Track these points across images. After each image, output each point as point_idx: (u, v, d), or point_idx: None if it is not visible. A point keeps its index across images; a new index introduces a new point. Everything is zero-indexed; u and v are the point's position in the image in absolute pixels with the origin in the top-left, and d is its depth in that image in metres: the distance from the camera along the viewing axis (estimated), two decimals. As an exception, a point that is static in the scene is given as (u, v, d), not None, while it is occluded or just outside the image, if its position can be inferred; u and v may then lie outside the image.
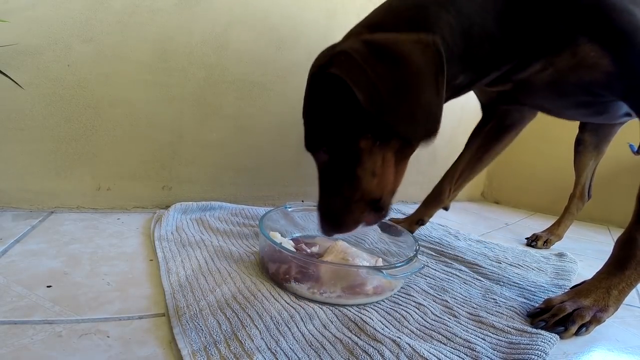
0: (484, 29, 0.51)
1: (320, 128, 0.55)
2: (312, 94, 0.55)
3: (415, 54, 0.44)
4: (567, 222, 1.07)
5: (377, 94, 0.44)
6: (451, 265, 0.74)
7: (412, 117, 0.44)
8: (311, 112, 0.56)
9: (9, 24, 0.69)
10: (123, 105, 0.84)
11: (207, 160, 0.96)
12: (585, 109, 0.67)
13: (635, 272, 0.54)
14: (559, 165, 1.43)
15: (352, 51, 0.46)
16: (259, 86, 0.99)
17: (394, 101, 0.44)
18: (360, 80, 0.44)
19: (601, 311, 0.54)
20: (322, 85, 0.52)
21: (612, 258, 0.57)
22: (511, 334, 0.50)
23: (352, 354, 0.42)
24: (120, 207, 0.87)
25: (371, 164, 0.53)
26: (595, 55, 0.52)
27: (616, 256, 0.57)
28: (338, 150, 0.54)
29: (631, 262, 0.54)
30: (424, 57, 0.44)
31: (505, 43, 0.53)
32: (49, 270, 0.55)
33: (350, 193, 0.54)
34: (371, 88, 0.44)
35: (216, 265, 0.60)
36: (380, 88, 0.44)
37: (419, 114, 0.44)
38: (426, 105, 0.44)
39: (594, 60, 0.53)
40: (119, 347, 0.40)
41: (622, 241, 0.56)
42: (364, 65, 0.44)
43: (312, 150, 0.57)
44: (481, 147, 0.87)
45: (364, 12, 0.60)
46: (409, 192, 1.40)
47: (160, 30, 0.84)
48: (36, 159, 0.78)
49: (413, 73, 0.44)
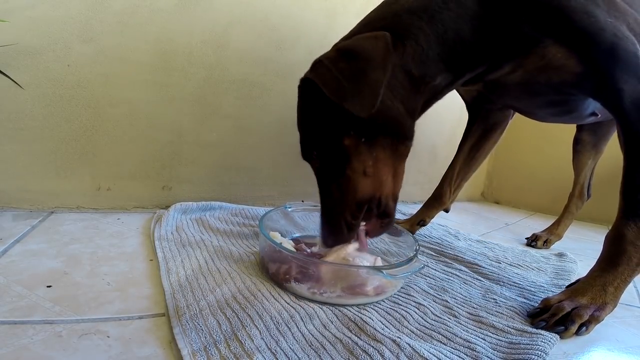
0: (458, 33, 0.55)
1: (310, 135, 0.58)
2: (300, 104, 0.58)
3: (367, 45, 0.51)
4: (567, 221, 1.07)
5: (340, 84, 0.49)
6: (451, 265, 0.74)
7: (360, 93, 0.49)
8: (301, 121, 0.59)
9: (9, 24, 0.69)
10: (123, 105, 0.84)
11: (207, 160, 0.96)
12: (555, 108, 0.70)
13: (628, 268, 0.55)
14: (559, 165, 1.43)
15: (324, 58, 0.52)
16: (259, 86, 0.99)
17: (351, 86, 0.49)
18: (327, 78, 0.50)
19: (599, 309, 0.54)
20: (306, 93, 0.56)
21: (603, 255, 0.57)
22: (511, 334, 0.50)
23: (352, 354, 0.42)
24: (120, 207, 0.87)
25: (360, 162, 0.54)
26: (561, 56, 0.55)
27: (607, 253, 0.57)
28: (327, 154, 0.56)
29: (622, 258, 0.55)
30: (375, 46, 0.50)
31: (477, 46, 0.56)
32: (49, 270, 0.55)
33: (343, 195, 0.56)
34: (335, 82, 0.49)
35: (216, 265, 0.60)
36: (341, 79, 0.49)
37: (365, 90, 0.49)
38: (372, 83, 0.49)
39: (561, 62, 0.55)
40: (119, 347, 0.40)
41: (611, 237, 0.57)
42: (330, 66, 0.50)
43: (306, 158, 0.60)
44: (473, 147, 0.90)
45: (364, 12, 0.60)
46: (409, 192, 1.40)
47: (160, 31, 0.84)
48: (36, 159, 0.78)
49: (365, 59, 0.50)
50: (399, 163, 0.57)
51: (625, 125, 0.55)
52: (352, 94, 0.49)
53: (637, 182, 0.54)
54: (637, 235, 0.54)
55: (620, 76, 0.53)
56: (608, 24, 0.53)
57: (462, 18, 0.55)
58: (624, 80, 0.53)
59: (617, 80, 0.53)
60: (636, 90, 0.53)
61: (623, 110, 0.54)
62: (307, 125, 0.58)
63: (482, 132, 0.88)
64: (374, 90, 0.49)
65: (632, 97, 0.53)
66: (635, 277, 0.55)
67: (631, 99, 0.53)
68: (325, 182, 0.58)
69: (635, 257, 0.54)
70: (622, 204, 0.56)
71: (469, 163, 0.91)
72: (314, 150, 0.57)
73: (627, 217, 0.55)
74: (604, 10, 0.54)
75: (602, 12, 0.54)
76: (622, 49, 0.53)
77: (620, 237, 0.55)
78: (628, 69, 0.53)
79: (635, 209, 0.54)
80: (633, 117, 0.54)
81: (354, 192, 0.55)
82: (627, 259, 0.54)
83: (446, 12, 0.54)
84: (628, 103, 0.53)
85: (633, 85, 0.53)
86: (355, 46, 0.52)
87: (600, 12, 0.53)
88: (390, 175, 0.57)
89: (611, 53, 0.53)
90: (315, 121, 0.56)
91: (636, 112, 0.53)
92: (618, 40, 0.53)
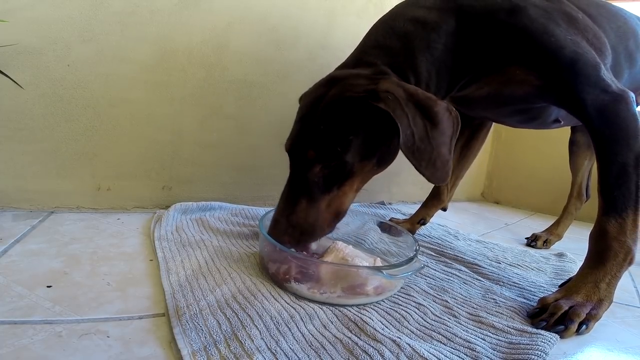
0: (446, 64, 0.62)
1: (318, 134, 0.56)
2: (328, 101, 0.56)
3: (444, 117, 0.54)
4: (567, 221, 1.08)
5: (412, 137, 0.52)
6: (451, 265, 0.74)
7: (434, 164, 0.53)
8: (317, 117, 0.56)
9: (9, 24, 0.69)
10: (123, 105, 0.84)
11: (207, 160, 0.96)
12: (521, 115, 0.76)
13: (616, 263, 0.56)
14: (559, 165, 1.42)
15: (395, 93, 0.53)
16: (259, 86, 0.99)
17: (422, 147, 0.52)
18: (402, 121, 0.52)
19: (596, 307, 0.55)
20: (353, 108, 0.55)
21: (590, 253, 0.59)
22: (511, 334, 0.50)
23: (352, 354, 0.42)
24: (120, 207, 0.87)
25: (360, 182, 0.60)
26: (520, 73, 0.61)
27: (593, 250, 0.58)
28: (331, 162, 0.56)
29: (609, 254, 0.56)
30: (449, 122, 0.55)
31: (456, 72, 0.63)
32: (49, 270, 0.55)
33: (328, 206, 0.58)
34: (408, 131, 0.52)
35: (216, 265, 0.60)
36: (415, 133, 0.52)
37: (438, 162, 0.53)
38: (443, 157, 0.53)
39: (521, 77, 0.61)
40: (119, 347, 0.40)
41: (595, 235, 0.58)
42: (406, 109, 0.52)
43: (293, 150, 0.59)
44: (464, 147, 0.94)
45: (364, 12, 0.60)
46: (409, 192, 1.40)
47: (160, 30, 0.84)
48: (36, 159, 0.78)
49: (440, 130, 0.54)
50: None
51: (592, 130, 0.59)
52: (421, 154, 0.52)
53: (611, 180, 0.56)
54: (620, 230, 0.56)
55: (582, 87, 0.57)
56: (568, 41, 0.58)
57: (444, 44, 0.61)
58: (586, 91, 0.57)
59: (580, 90, 0.57)
60: (598, 99, 0.57)
61: (588, 117, 0.58)
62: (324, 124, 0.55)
63: (470, 132, 0.93)
64: (447, 167, 0.54)
65: (594, 105, 0.57)
66: (624, 271, 0.56)
67: (594, 107, 0.57)
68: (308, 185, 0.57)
69: (621, 253, 0.56)
70: (601, 201, 0.58)
71: (461, 162, 0.95)
72: (313, 149, 0.56)
73: (607, 214, 0.57)
74: (564, 29, 0.59)
75: (562, 30, 0.59)
76: (582, 62, 0.58)
77: (604, 234, 0.56)
78: (589, 80, 0.57)
79: (614, 205, 0.56)
80: (598, 123, 0.57)
81: (342, 205, 0.59)
82: (613, 255, 0.56)
83: (435, 39, 0.60)
84: (592, 110, 0.57)
85: (594, 95, 0.57)
86: (429, 105, 0.54)
87: (560, 31, 0.59)
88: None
89: (571, 67, 0.58)
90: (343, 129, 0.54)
91: (600, 118, 0.57)
92: (578, 56, 0.58)
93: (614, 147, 0.56)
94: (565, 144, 1.10)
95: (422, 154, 0.52)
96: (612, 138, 0.56)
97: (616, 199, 0.56)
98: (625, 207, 0.55)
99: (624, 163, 0.55)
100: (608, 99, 0.57)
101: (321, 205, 0.57)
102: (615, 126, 0.56)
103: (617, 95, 0.57)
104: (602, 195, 0.58)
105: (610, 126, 0.57)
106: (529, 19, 0.59)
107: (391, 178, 1.33)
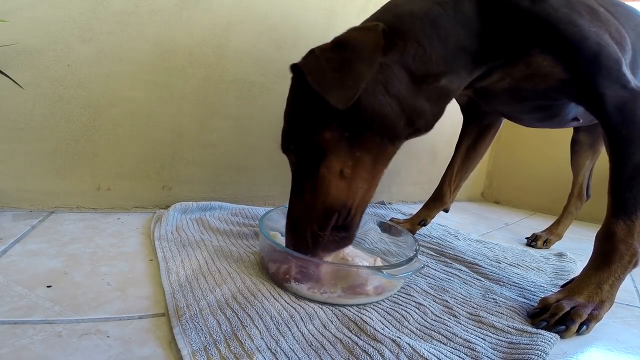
0: (458, 39, 0.56)
1: (292, 125, 0.56)
2: (289, 92, 0.57)
3: (358, 36, 0.50)
4: (567, 221, 1.08)
5: (324, 74, 0.48)
6: (451, 265, 0.74)
7: (342, 84, 0.47)
8: (286, 110, 0.57)
9: (9, 24, 0.69)
10: (123, 105, 0.84)
11: (207, 160, 0.96)
12: (539, 113, 0.73)
13: (621, 265, 0.55)
14: (559, 165, 1.42)
15: (317, 47, 0.51)
16: (259, 86, 0.99)
17: (335, 76, 0.48)
18: (312, 66, 0.49)
19: (597, 308, 0.55)
20: (294, 81, 0.56)
21: (595, 253, 0.58)
22: (511, 334, 0.50)
23: (352, 354, 0.42)
24: (120, 207, 0.87)
25: (339, 160, 0.52)
26: (547, 64, 0.57)
27: (598, 251, 0.58)
28: (304, 147, 0.54)
29: (614, 256, 0.55)
30: (365, 37, 0.50)
31: (475, 54, 0.57)
32: (49, 270, 0.55)
33: (313, 197, 0.53)
34: (320, 71, 0.48)
35: (216, 265, 0.60)
36: (326, 69, 0.48)
37: (348, 81, 0.47)
38: (356, 74, 0.48)
39: (547, 69, 0.58)
40: (119, 347, 0.40)
41: (602, 236, 0.57)
42: (320, 54, 0.49)
43: (283, 150, 0.58)
44: (470, 147, 0.93)
45: (364, 12, 0.60)
46: (409, 192, 1.40)
47: (160, 30, 0.84)
48: (36, 159, 0.78)
49: (353, 50, 0.49)
50: (380, 167, 0.55)
51: (608, 128, 0.57)
52: (334, 85, 0.47)
53: (624, 181, 0.55)
54: (627, 233, 0.55)
55: (603, 82, 0.55)
56: (591, 32, 0.55)
57: (461, 25, 0.56)
58: (606, 86, 0.55)
59: (600, 85, 0.55)
60: (618, 95, 0.55)
61: (606, 114, 0.56)
62: (291, 114, 0.56)
63: (477, 133, 0.91)
64: (356, 82, 0.47)
65: (614, 101, 0.55)
66: (628, 274, 0.56)
67: (613, 104, 0.55)
68: (298, 179, 0.56)
69: (627, 255, 0.55)
70: (611, 203, 0.57)
71: (466, 163, 0.93)
72: (292, 142, 0.56)
73: (616, 216, 0.56)
74: (587, 20, 0.56)
75: (585, 21, 0.56)
76: (605, 56, 0.55)
77: (611, 235, 0.56)
78: (610, 75, 0.55)
79: (624, 207, 0.55)
80: (615, 121, 0.56)
81: (325, 195, 0.52)
82: (619, 256, 0.55)
83: (446, 17, 0.55)
84: (611, 107, 0.55)
85: (615, 91, 0.55)
86: (347, 37, 0.51)
87: (583, 22, 0.56)
88: (369, 181, 0.54)
89: (594, 60, 0.55)
90: (299, 111, 0.55)
91: (618, 115, 0.55)
92: (601, 48, 0.55)
93: (629, 147, 0.55)
94: (565, 144, 1.10)
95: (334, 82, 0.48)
96: (627, 137, 0.55)
97: (627, 201, 0.55)
98: (635, 210, 0.55)
99: (637, 164, 0.54)
100: (628, 96, 0.55)
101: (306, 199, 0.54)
102: (632, 125, 0.55)
103: (636, 92, 0.55)
104: (613, 197, 0.57)
105: (627, 125, 0.55)
106: (552, 7, 0.55)
107: (391, 178, 1.33)
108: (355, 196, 0.54)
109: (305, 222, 0.54)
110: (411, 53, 0.53)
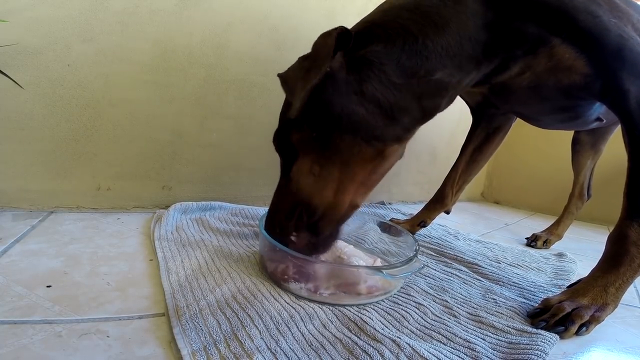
0: (460, 28, 0.53)
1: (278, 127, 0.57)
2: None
3: (317, 42, 0.49)
4: (567, 221, 1.08)
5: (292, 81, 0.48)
6: (451, 265, 0.74)
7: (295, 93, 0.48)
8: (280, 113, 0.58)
9: (9, 24, 0.69)
10: (123, 105, 0.84)
11: (207, 160, 0.96)
12: (562, 114, 0.69)
13: (630, 269, 0.54)
14: (559, 165, 1.43)
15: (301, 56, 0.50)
16: (259, 86, 0.99)
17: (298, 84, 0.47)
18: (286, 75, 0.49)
19: (600, 310, 0.54)
20: None
21: (606, 255, 0.57)
22: (511, 334, 0.50)
23: (352, 354, 0.42)
24: (120, 207, 0.87)
25: (306, 160, 0.52)
26: (570, 57, 0.54)
27: (609, 253, 0.56)
28: (284, 148, 0.55)
29: (625, 259, 0.54)
30: (322, 41, 0.48)
31: (482, 43, 0.54)
32: (49, 270, 0.55)
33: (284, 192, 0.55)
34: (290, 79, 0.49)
35: (216, 265, 0.60)
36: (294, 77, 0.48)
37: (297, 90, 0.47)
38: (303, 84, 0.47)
39: (570, 62, 0.55)
40: (119, 347, 0.40)
41: (614, 238, 0.56)
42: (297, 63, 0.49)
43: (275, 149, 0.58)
44: (476, 150, 0.90)
45: (364, 12, 0.60)
46: (409, 192, 1.40)
47: (160, 30, 0.84)
48: (36, 159, 0.78)
49: (310, 56, 0.49)
50: (358, 170, 0.52)
51: (630, 126, 0.55)
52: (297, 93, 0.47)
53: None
54: None
55: (627, 77, 0.52)
56: (612, 24, 0.53)
57: (463, 14, 0.53)
58: (631, 82, 0.53)
59: (624, 81, 0.53)
60: None
61: (629, 112, 0.54)
62: (280, 116, 0.58)
63: (485, 135, 0.89)
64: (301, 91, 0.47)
65: (637, 98, 0.53)
66: (637, 277, 0.55)
67: (637, 100, 0.53)
68: (281, 175, 0.57)
69: (638, 258, 0.54)
70: (626, 204, 0.55)
71: (471, 165, 0.91)
72: (277, 142, 0.56)
73: (630, 218, 0.54)
74: (607, 10, 0.54)
75: (605, 12, 0.53)
76: (629, 49, 0.52)
77: (624, 238, 0.54)
78: (634, 69, 0.52)
79: (639, 210, 0.54)
80: (638, 120, 0.53)
81: (292, 188, 0.53)
82: (629, 259, 0.54)
83: (444, 8, 0.52)
84: (634, 104, 0.53)
85: (639, 86, 0.53)
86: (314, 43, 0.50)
87: (603, 12, 0.53)
88: (340, 182, 0.52)
89: (618, 54, 0.52)
90: (283, 113, 0.56)
91: None
92: (624, 41, 0.52)
93: None
94: (565, 144, 1.10)
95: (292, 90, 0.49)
96: None
97: None
98: None
99: None
100: None
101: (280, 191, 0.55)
102: None
103: None
104: (628, 198, 0.55)
105: None
106: None
107: (391, 178, 1.33)
108: (322, 196, 0.52)
109: (275, 212, 0.56)
110: (399, 45, 0.51)
